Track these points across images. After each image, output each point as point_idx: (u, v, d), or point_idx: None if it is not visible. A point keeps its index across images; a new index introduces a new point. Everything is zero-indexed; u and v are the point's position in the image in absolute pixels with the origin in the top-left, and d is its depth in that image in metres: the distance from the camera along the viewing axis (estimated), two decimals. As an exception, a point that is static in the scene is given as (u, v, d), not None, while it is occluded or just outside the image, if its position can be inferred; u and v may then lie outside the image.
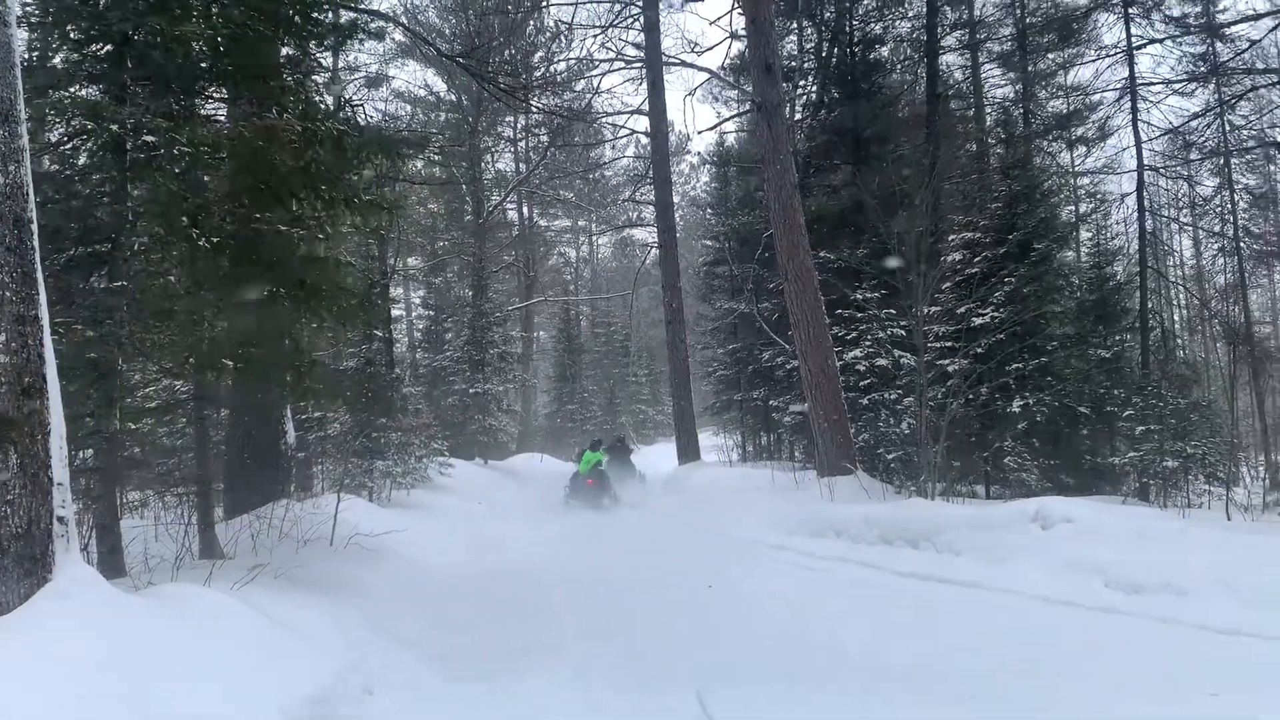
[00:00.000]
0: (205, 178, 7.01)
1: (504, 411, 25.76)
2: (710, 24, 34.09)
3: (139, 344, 6.34)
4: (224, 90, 7.64)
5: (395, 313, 26.52)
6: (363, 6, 12.12)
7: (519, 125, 33.03)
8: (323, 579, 7.06)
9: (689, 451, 21.83)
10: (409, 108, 28.05)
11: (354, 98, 17.84)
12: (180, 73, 6.55)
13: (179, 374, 7.33)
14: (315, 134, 6.62)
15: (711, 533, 12.53)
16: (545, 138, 30.46)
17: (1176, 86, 19.10)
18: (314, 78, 9.48)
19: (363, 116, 10.74)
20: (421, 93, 29.52)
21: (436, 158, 23.67)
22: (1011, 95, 22.02)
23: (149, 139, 6.08)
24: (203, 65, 6.73)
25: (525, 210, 36.88)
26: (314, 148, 6.62)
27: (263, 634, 4.69)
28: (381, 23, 16.20)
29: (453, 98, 29.46)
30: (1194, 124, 18.91)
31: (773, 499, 13.92)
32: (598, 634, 6.53)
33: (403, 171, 14.05)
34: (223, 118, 8.42)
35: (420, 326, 31.78)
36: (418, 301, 32.57)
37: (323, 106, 8.22)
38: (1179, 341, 24.62)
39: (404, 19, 21.35)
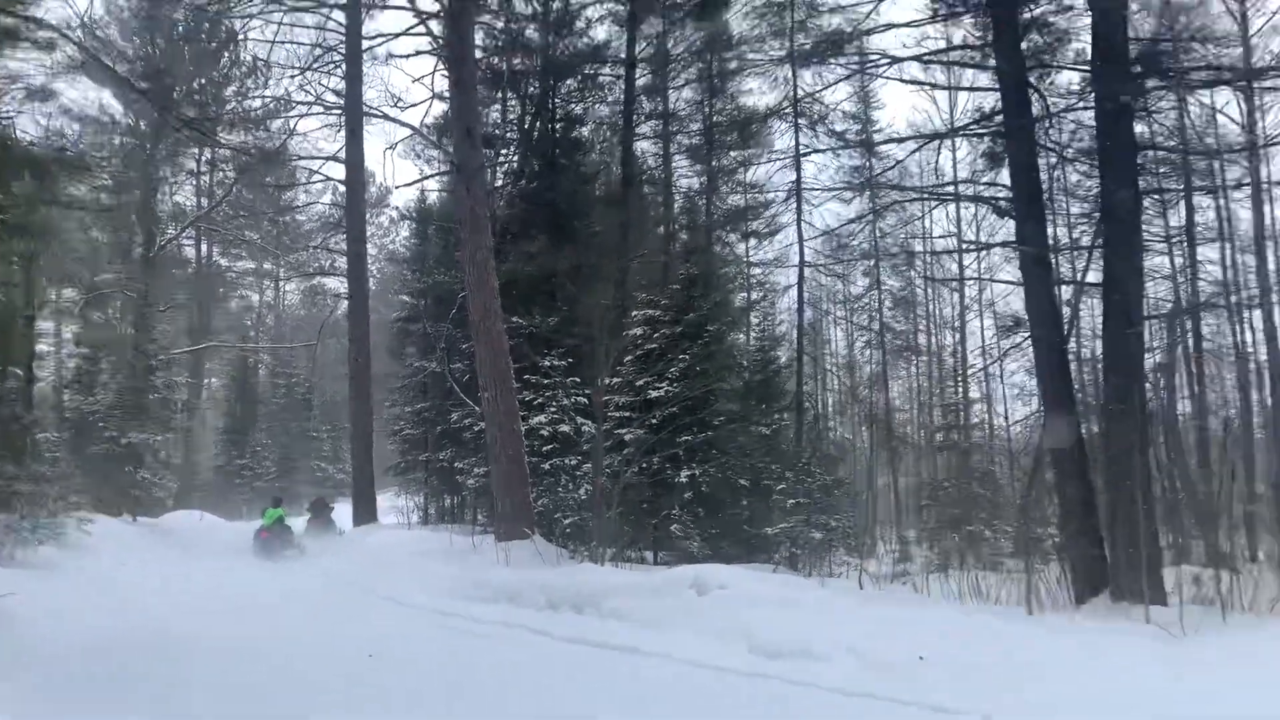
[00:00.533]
0: None
1: (161, 464, 23.61)
2: (414, 81, 33.72)
3: None
4: None
5: (42, 348, 23.81)
6: (26, 14, 11.00)
7: (203, 158, 31.05)
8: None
9: (366, 513, 21.05)
10: (78, 126, 25.50)
11: (10, 110, 16.03)
12: None
13: None
14: (-56, 144, 5.87)
15: (382, 598, 12.10)
16: (232, 174, 28.79)
17: (835, 193, 21.58)
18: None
19: (21, 131, 9.71)
20: (94, 112, 27.00)
21: (104, 182, 21.70)
22: (697, 186, 23.78)
23: None
24: None
25: (204, 248, 34.59)
26: (-58, 159, 5.86)
27: None
28: (50, 34, 14.78)
29: (129, 121, 27.19)
30: (849, 228, 21.22)
31: (448, 563, 13.72)
32: (243, 707, 6.10)
33: (58, 194, 12.74)
34: None
35: (71, 365, 28.62)
36: (70, 338, 29.34)
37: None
38: (830, 424, 27.27)
39: (79, 33, 19.51)
